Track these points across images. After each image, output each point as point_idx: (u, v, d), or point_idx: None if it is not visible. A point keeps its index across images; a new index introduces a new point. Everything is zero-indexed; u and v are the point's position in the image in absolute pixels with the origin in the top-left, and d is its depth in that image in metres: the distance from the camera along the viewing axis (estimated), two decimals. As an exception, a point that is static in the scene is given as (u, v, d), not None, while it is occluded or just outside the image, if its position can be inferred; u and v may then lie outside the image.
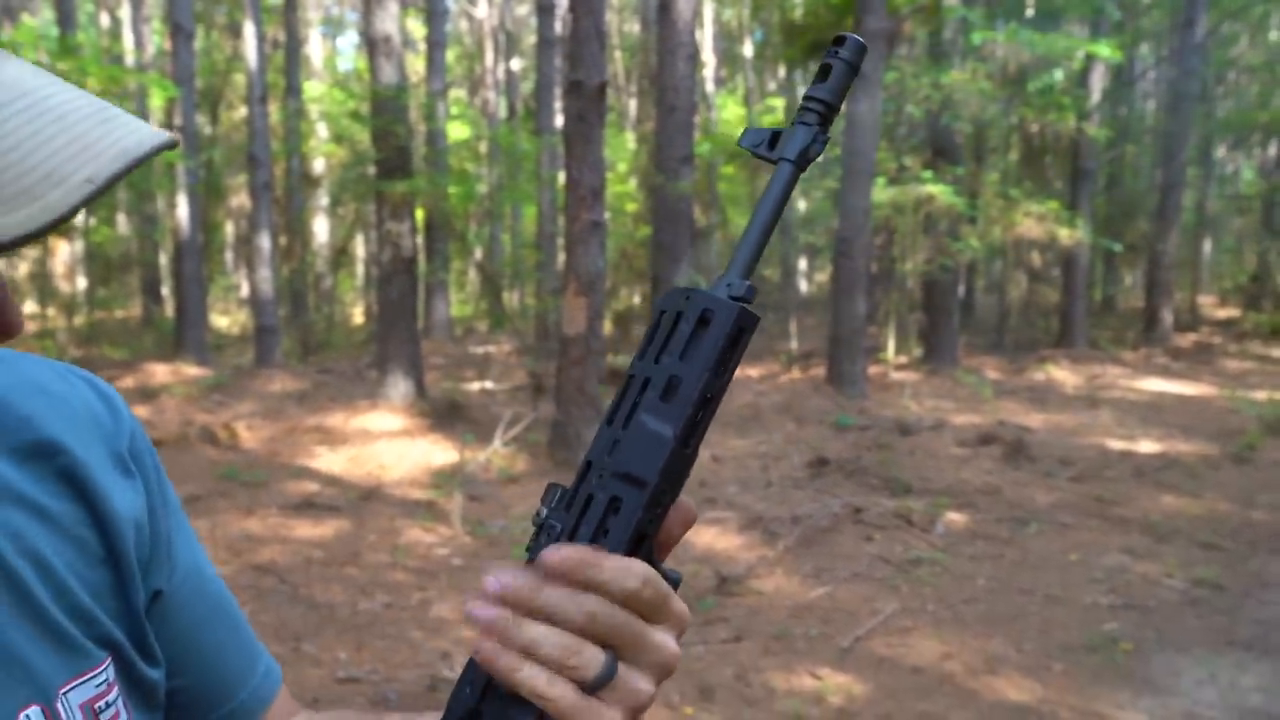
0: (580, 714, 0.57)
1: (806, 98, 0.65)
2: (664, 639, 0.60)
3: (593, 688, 0.58)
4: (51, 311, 15.90)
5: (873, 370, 12.05)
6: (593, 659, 0.57)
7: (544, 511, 0.63)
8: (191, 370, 12.02)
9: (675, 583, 0.63)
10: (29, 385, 0.71)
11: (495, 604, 0.58)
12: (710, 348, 0.61)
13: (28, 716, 0.63)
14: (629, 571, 0.58)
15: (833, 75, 0.65)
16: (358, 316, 20.76)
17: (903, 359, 13.13)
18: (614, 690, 0.58)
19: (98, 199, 0.54)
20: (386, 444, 8.17)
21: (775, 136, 0.66)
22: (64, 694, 0.65)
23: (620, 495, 0.61)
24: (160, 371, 11.74)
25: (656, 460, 0.60)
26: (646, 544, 0.62)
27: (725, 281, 0.63)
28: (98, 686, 0.67)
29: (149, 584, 0.74)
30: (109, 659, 0.68)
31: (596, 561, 0.58)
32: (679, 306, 0.62)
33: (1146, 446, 8.60)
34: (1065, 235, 13.02)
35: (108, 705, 0.67)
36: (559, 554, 0.58)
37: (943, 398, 10.86)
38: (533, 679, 0.57)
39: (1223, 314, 20.32)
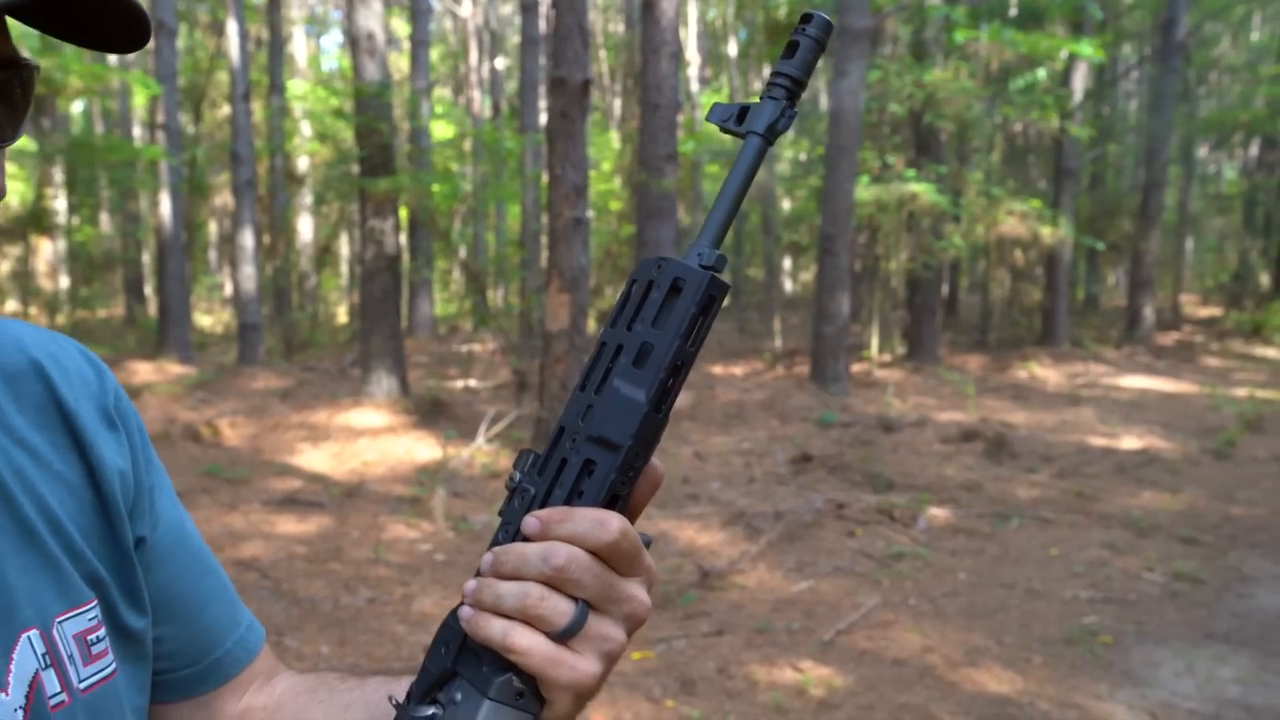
0: (551, 663, 0.60)
1: (774, 73, 0.66)
2: (636, 589, 0.63)
3: (563, 636, 0.60)
4: (34, 310, 15.80)
5: (856, 368, 12.09)
6: (560, 608, 0.60)
7: (517, 475, 0.65)
8: (175, 368, 11.96)
9: (646, 544, 0.65)
10: (28, 342, 0.76)
11: (485, 573, 0.62)
12: (682, 314, 0.62)
13: (28, 639, 0.66)
14: (603, 524, 0.60)
15: (800, 51, 0.66)
16: (342, 315, 20.70)
17: (886, 356, 13.19)
18: (586, 639, 0.61)
19: None
20: (370, 441, 8.16)
21: (743, 111, 0.67)
22: (60, 622, 0.68)
23: (594, 458, 0.62)
24: (143, 370, 11.69)
25: (630, 424, 0.62)
26: (620, 504, 0.63)
27: (695, 250, 0.65)
28: (89, 621, 0.71)
29: (134, 530, 0.77)
30: (96, 599, 0.72)
31: (569, 516, 0.60)
32: (650, 275, 0.64)
33: (1128, 443, 8.65)
34: (1048, 234, 13.09)
35: (98, 639, 0.71)
36: (538, 515, 0.61)
37: (925, 395, 10.91)
38: (503, 632, 0.60)
39: (1204, 312, 20.47)
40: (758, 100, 0.68)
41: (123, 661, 0.73)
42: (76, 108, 22.67)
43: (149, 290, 20.31)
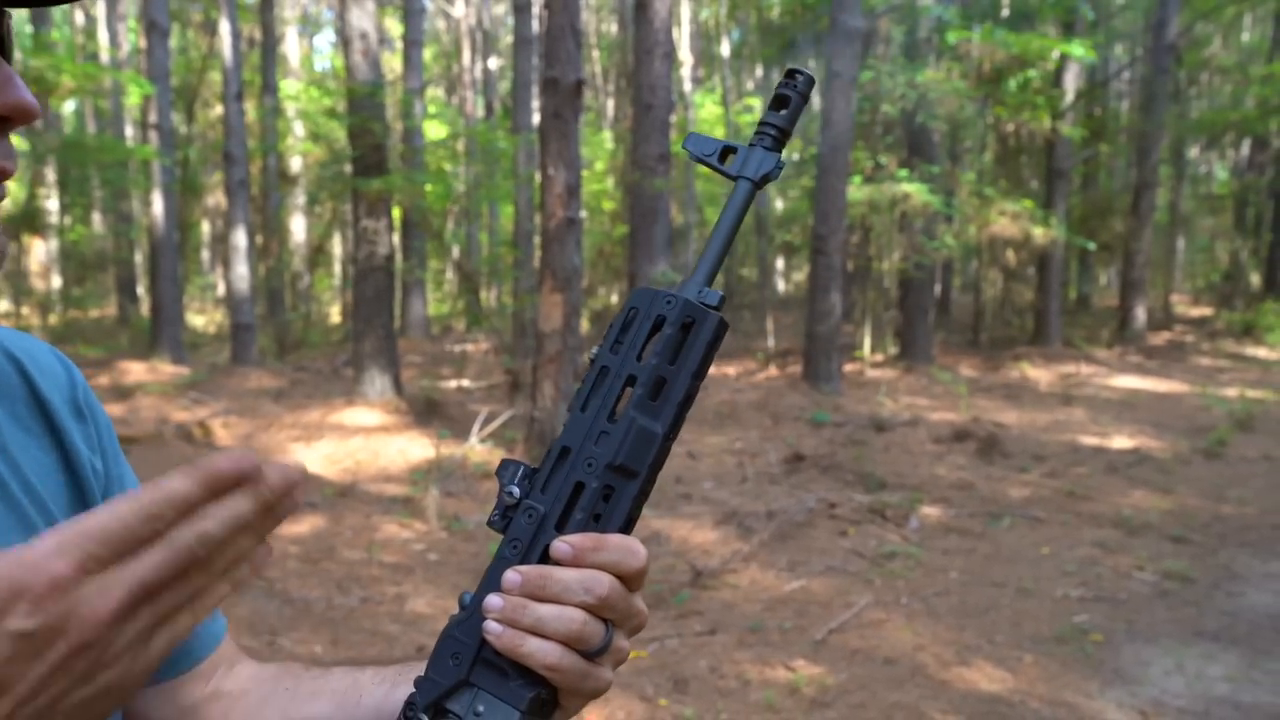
0: (585, 678, 0.66)
1: (763, 123, 0.72)
2: (641, 603, 0.70)
3: (593, 655, 0.67)
4: (26, 310, 15.76)
5: (849, 368, 12.12)
6: (598, 632, 0.66)
7: (515, 491, 0.69)
8: (167, 368, 11.94)
9: None
10: (3, 340, 0.80)
11: (514, 593, 0.66)
12: (697, 354, 0.68)
13: None
14: (634, 553, 0.67)
15: (790, 107, 0.72)
16: (335, 315, 20.67)
17: (879, 356, 13.21)
18: (608, 653, 0.68)
19: None
20: (363, 441, 8.16)
21: (726, 151, 0.73)
22: None
23: (613, 485, 0.68)
24: (136, 370, 11.67)
25: (648, 454, 0.68)
26: (630, 526, 0.69)
27: (696, 288, 0.70)
28: None
29: None
30: None
31: (603, 545, 0.66)
32: (659, 310, 0.69)
33: (1119, 442, 8.68)
34: (1040, 234, 13.13)
35: None
36: (570, 542, 0.66)
37: (918, 395, 10.94)
38: (542, 652, 0.65)
39: (1195, 312, 20.53)
40: (742, 142, 0.73)
41: None
42: (69, 107, 22.62)
43: (142, 290, 20.26)
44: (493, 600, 0.66)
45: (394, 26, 23.18)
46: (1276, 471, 7.70)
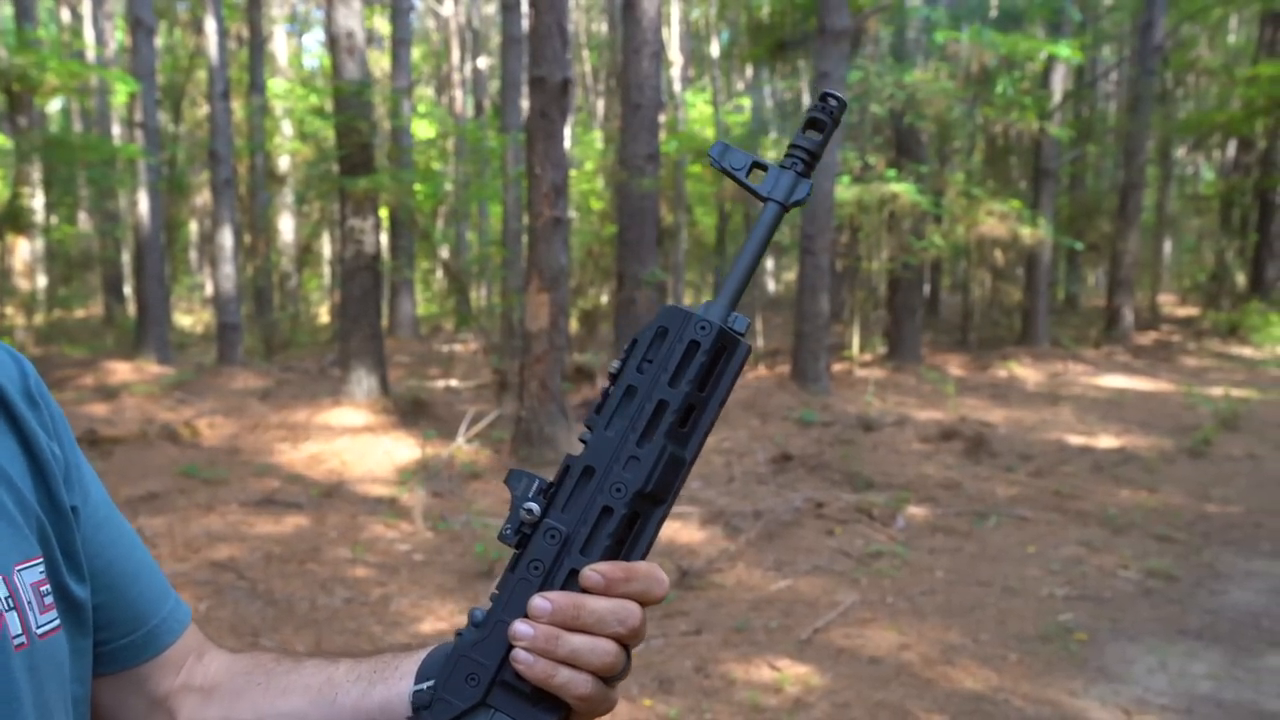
0: (604, 702, 0.67)
1: (795, 145, 0.71)
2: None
3: (614, 680, 0.68)
4: (10, 310, 15.66)
5: (837, 367, 12.13)
6: (622, 659, 0.67)
7: (535, 509, 0.67)
8: (153, 368, 11.89)
9: None
10: None
11: (544, 622, 0.66)
12: (726, 383, 0.68)
13: None
14: (660, 582, 0.68)
15: (825, 131, 0.71)
16: (323, 315, 20.61)
17: (867, 356, 13.23)
18: (625, 677, 0.69)
19: None
20: (349, 441, 8.13)
21: (757, 166, 0.71)
22: (19, 570, 0.72)
23: (640, 511, 0.67)
24: (121, 369, 11.61)
25: (676, 482, 0.67)
26: (650, 550, 0.69)
27: (724, 312, 0.69)
28: (40, 574, 0.74)
29: (68, 500, 0.80)
30: (42, 556, 0.75)
31: (632, 575, 0.67)
32: (693, 335, 0.67)
33: (1105, 442, 8.71)
34: (1028, 234, 13.16)
35: (48, 591, 0.75)
36: (601, 571, 0.66)
37: (906, 394, 10.95)
38: (574, 683, 0.65)
39: (1182, 312, 20.61)
40: (774, 161, 0.72)
41: (65, 623, 0.76)
42: (54, 105, 22.50)
43: (128, 290, 20.16)
44: (522, 628, 0.65)
45: (382, 25, 23.13)
46: (1260, 470, 7.74)
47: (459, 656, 0.68)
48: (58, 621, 0.75)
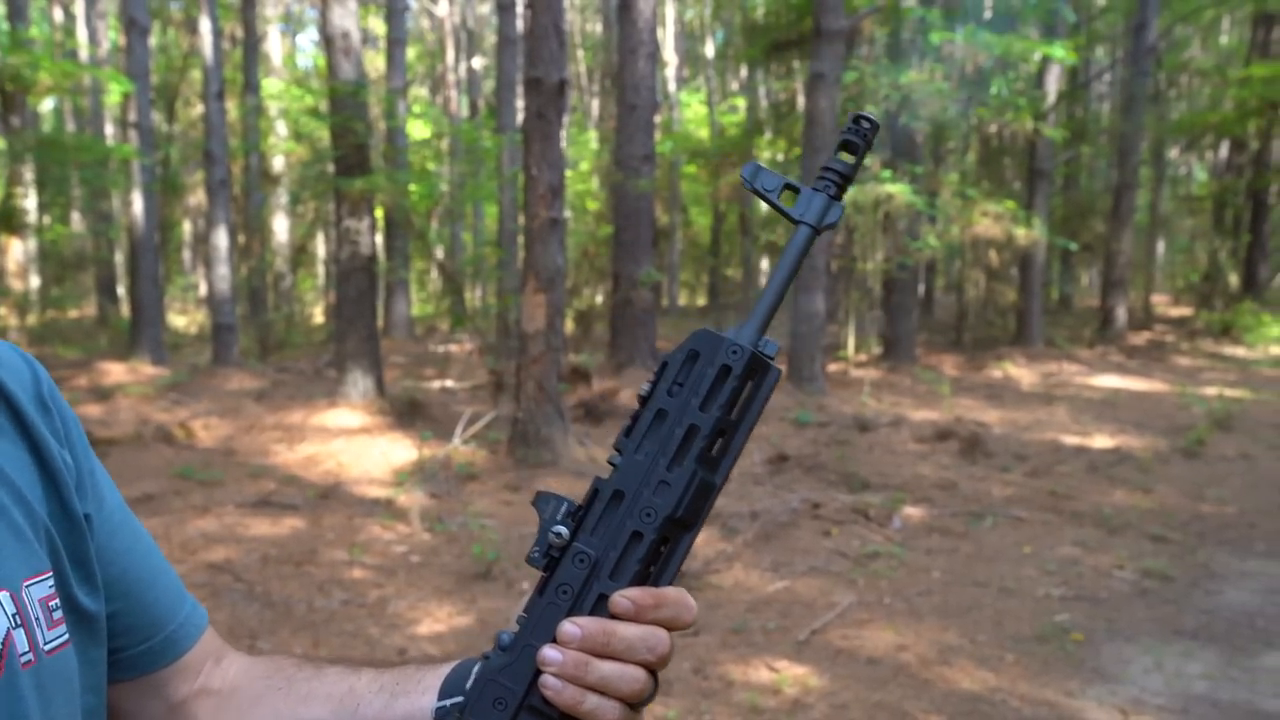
0: None
1: (827, 168, 0.71)
2: None
3: (640, 706, 0.67)
4: (3, 310, 15.61)
5: (832, 368, 12.14)
6: (650, 685, 0.67)
7: (564, 531, 0.67)
8: (147, 369, 11.87)
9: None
10: None
11: (573, 648, 0.66)
12: (757, 408, 0.68)
13: (0, 599, 0.70)
14: (688, 607, 0.68)
15: (857, 154, 0.71)
16: (317, 315, 20.58)
17: (862, 356, 13.25)
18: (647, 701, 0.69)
19: None
20: (345, 442, 8.12)
21: (789, 188, 0.71)
22: (27, 586, 0.71)
23: (670, 536, 0.67)
24: (115, 370, 11.59)
25: (706, 507, 0.68)
26: (678, 572, 0.69)
27: (755, 336, 0.69)
28: (49, 588, 0.73)
29: (80, 507, 0.80)
30: (52, 570, 0.75)
31: (661, 601, 0.66)
32: (725, 360, 0.67)
33: (1100, 442, 8.73)
34: (1022, 235, 13.19)
35: (56, 606, 0.74)
36: (631, 597, 0.66)
37: (901, 394, 10.97)
38: (603, 710, 0.65)
39: (1175, 312, 20.68)
40: (805, 183, 0.71)
41: (75, 635, 0.76)
42: (47, 105, 22.44)
43: (121, 290, 20.12)
44: (551, 654, 0.65)
45: (377, 25, 23.10)
46: (1254, 470, 7.76)
47: (486, 680, 0.67)
48: (66, 636, 0.74)
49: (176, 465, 7.30)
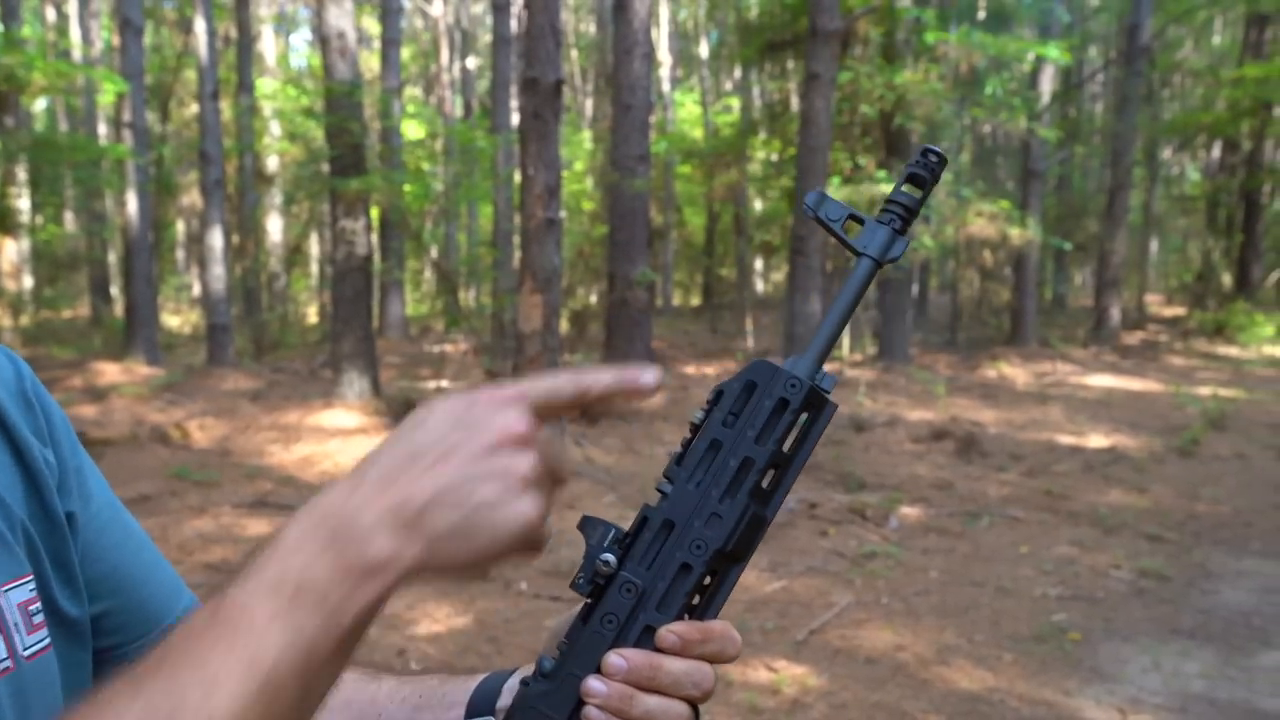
0: None
1: (893, 200, 0.70)
2: None
3: None
4: (-4, 311, 15.56)
5: (827, 368, 12.15)
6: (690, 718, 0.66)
7: (611, 560, 0.66)
8: (142, 370, 11.83)
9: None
10: None
11: (618, 680, 0.65)
12: (811, 443, 0.68)
13: None
14: (733, 641, 0.67)
15: (924, 187, 0.70)
16: (312, 315, 20.54)
17: (857, 356, 13.27)
18: None
19: None
20: (341, 442, 8.11)
21: (853, 219, 0.70)
22: (6, 591, 0.70)
23: (719, 569, 0.66)
24: (110, 371, 11.56)
25: (756, 541, 0.67)
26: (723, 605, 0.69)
27: (813, 368, 0.68)
28: (30, 592, 0.72)
29: (63, 506, 0.78)
30: (32, 573, 0.73)
31: (708, 636, 0.66)
32: (783, 392, 0.67)
33: (1095, 441, 8.76)
34: (1016, 235, 13.22)
35: (37, 610, 0.72)
36: (677, 632, 0.65)
37: (896, 394, 10.99)
38: None
39: (1169, 312, 20.75)
40: (869, 213, 0.71)
41: (56, 638, 0.75)
42: (40, 105, 22.37)
43: (115, 290, 20.07)
44: (596, 686, 0.64)
45: (372, 25, 23.08)
46: (1249, 470, 7.79)
47: (527, 707, 0.66)
48: (47, 640, 0.73)
49: (172, 466, 7.28)
